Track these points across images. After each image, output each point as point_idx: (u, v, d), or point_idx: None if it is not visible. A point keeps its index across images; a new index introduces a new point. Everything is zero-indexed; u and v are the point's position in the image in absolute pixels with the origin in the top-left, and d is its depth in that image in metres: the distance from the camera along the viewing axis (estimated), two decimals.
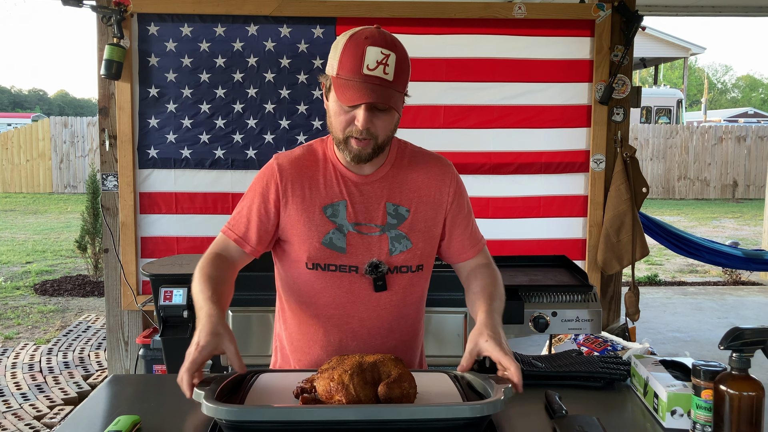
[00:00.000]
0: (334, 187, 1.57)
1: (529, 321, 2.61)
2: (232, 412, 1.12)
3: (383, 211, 1.58)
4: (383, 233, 1.57)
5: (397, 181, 1.59)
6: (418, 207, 1.60)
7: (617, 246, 3.83)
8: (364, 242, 1.56)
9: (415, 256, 1.60)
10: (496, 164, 3.83)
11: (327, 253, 1.55)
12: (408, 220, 1.59)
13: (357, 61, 1.41)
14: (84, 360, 4.59)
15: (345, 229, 1.55)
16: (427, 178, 1.61)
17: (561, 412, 1.37)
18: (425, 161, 1.64)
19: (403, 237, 1.58)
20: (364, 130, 1.44)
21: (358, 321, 1.60)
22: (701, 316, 5.79)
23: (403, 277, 1.60)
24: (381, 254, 1.57)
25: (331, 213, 1.55)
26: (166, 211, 3.75)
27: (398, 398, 1.26)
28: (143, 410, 1.43)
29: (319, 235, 1.55)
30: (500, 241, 3.88)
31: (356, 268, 1.57)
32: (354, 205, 1.56)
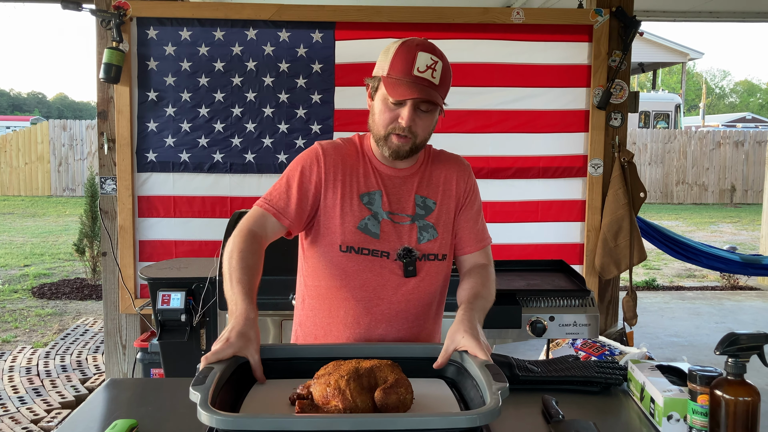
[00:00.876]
0: (371, 177, 1.67)
1: (527, 326, 2.61)
2: (226, 421, 1.12)
3: (413, 202, 1.67)
4: (413, 222, 1.66)
5: (425, 177, 1.70)
6: (443, 200, 1.71)
7: (615, 250, 3.84)
8: (395, 230, 1.65)
9: (440, 245, 1.69)
10: (494, 168, 3.83)
11: (361, 237, 1.63)
12: (435, 211, 1.69)
13: (408, 63, 1.54)
14: (81, 363, 4.58)
15: (380, 217, 1.64)
16: (449, 173, 1.73)
17: (558, 416, 1.37)
18: (447, 159, 1.77)
19: (430, 227, 1.67)
20: (407, 127, 1.55)
21: (387, 304, 1.66)
22: (699, 321, 5.80)
23: (430, 265, 1.68)
24: (411, 242, 1.66)
25: (367, 201, 1.65)
26: (164, 215, 3.75)
27: (395, 404, 1.26)
28: (140, 414, 1.43)
29: (355, 220, 1.63)
30: (498, 246, 3.85)
31: (387, 253, 1.65)
32: (389, 195, 1.66)
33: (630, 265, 3.86)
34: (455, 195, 1.72)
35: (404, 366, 1.40)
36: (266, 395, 1.40)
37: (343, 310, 1.67)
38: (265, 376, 1.44)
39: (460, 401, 1.38)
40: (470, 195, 1.76)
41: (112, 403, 1.53)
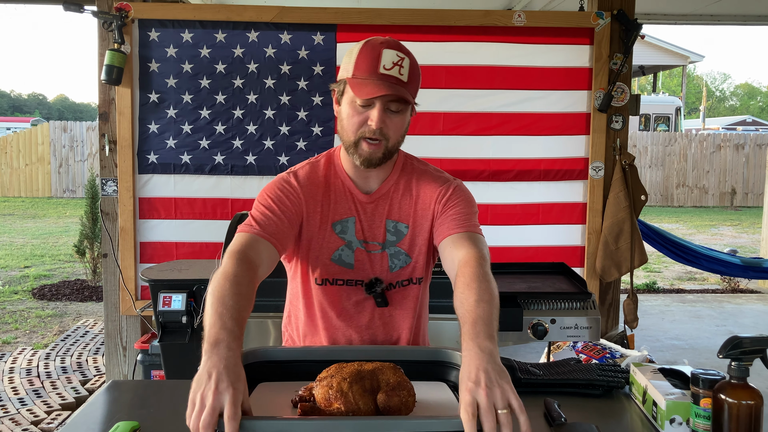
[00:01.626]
0: (343, 203, 1.59)
1: (528, 328, 2.60)
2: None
3: (384, 228, 1.60)
4: (383, 251, 1.60)
5: (396, 200, 1.61)
6: (416, 221, 1.60)
7: (616, 253, 3.83)
8: (369, 258, 1.60)
9: (415, 269, 1.63)
10: (496, 171, 3.83)
11: (336, 269, 1.58)
12: (407, 236, 1.61)
13: (373, 61, 1.46)
14: (82, 365, 4.58)
15: (353, 246, 1.58)
16: (427, 194, 1.60)
17: (560, 419, 1.37)
18: (427, 179, 1.61)
19: (402, 253, 1.61)
20: (378, 129, 1.46)
21: (366, 330, 1.64)
22: (699, 324, 5.79)
23: (405, 291, 1.63)
24: (382, 271, 1.60)
25: (340, 229, 1.58)
26: (165, 217, 3.75)
27: (397, 407, 1.26)
28: (142, 416, 1.43)
29: (329, 251, 1.58)
30: (499, 248, 3.89)
31: (362, 282, 1.60)
32: (362, 222, 1.59)
33: (631, 267, 3.85)
34: (432, 215, 1.59)
35: (406, 369, 1.40)
36: (268, 398, 1.40)
37: (319, 337, 1.64)
38: (264, 381, 1.43)
39: None
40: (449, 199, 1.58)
41: (113, 404, 1.53)
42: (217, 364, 1.14)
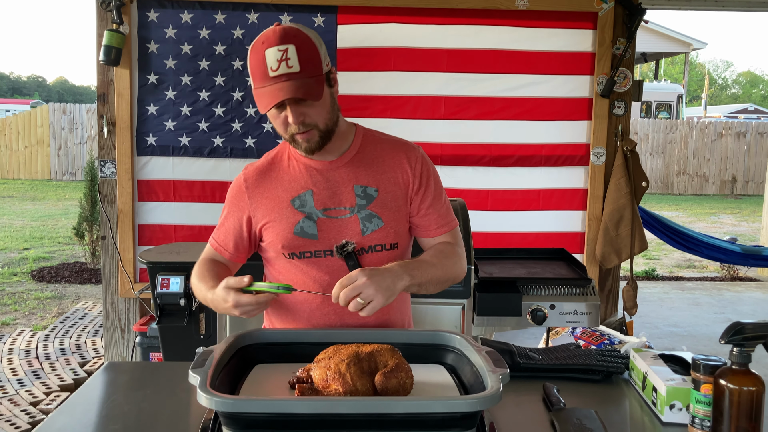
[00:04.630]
0: (299, 179, 1.62)
1: (527, 314, 2.60)
2: (226, 404, 1.11)
3: (351, 193, 1.60)
4: (353, 214, 1.60)
5: (363, 165, 1.62)
6: (386, 186, 1.62)
7: (616, 240, 3.82)
8: (334, 226, 1.60)
9: (388, 234, 1.62)
10: (497, 156, 3.81)
11: (300, 241, 1.60)
12: (377, 199, 1.61)
13: (261, 66, 1.44)
14: (80, 347, 4.58)
15: (315, 216, 1.59)
16: (393, 159, 1.64)
17: (559, 404, 1.36)
18: (392, 146, 1.67)
19: (373, 216, 1.60)
20: (299, 124, 1.48)
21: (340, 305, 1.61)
22: (698, 311, 5.80)
23: (379, 256, 1.62)
24: (353, 235, 1.60)
25: (299, 204, 1.60)
26: (164, 199, 3.73)
27: (395, 388, 1.25)
28: (139, 397, 1.42)
29: (290, 226, 1.60)
30: (499, 234, 3.87)
31: (331, 251, 1.61)
32: (320, 192, 1.60)
33: (631, 254, 3.84)
34: (405, 181, 1.62)
35: (404, 352, 1.39)
36: (265, 379, 1.39)
37: (297, 309, 1.65)
38: (261, 363, 1.44)
39: (460, 387, 1.37)
40: (425, 178, 1.65)
41: (110, 385, 1.52)
42: None
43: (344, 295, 1.36)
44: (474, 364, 1.38)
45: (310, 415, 1.13)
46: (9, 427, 3.38)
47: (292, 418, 1.14)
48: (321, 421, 1.14)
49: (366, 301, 1.37)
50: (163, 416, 1.33)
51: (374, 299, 1.37)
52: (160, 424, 1.29)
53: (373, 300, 1.37)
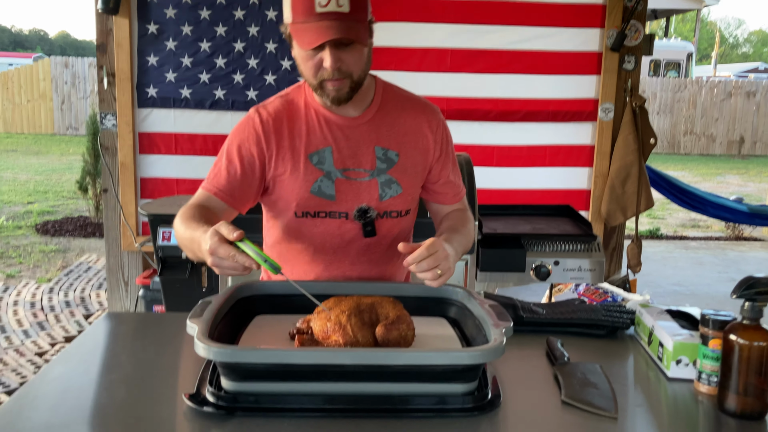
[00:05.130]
0: (318, 133, 1.52)
1: (531, 270, 2.58)
2: (224, 353, 1.09)
3: (372, 155, 1.53)
4: (372, 178, 1.53)
5: (385, 125, 1.55)
6: (408, 151, 1.56)
7: (622, 197, 3.78)
8: (353, 188, 1.53)
9: (405, 201, 1.57)
10: (503, 111, 3.74)
11: (316, 201, 1.52)
12: (398, 164, 1.55)
13: (308, 1, 1.34)
14: (85, 300, 4.60)
15: (333, 176, 1.52)
16: (415, 123, 1.57)
17: (563, 359, 1.34)
18: (413, 106, 1.59)
19: (393, 182, 1.55)
20: (335, 70, 1.39)
21: (349, 265, 1.59)
22: (702, 271, 5.78)
23: (392, 222, 1.58)
24: (371, 199, 1.54)
25: (317, 160, 1.51)
26: (165, 152, 3.69)
27: (396, 340, 1.23)
28: (137, 347, 1.41)
29: (307, 184, 1.51)
30: (504, 191, 3.83)
31: (346, 214, 1.54)
32: (340, 150, 1.52)
33: (636, 212, 3.81)
34: (425, 147, 1.57)
35: (406, 305, 1.37)
36: (265, 330, 1.37)
37: (303, 270, 1.60)
38: (261, 314, 1.41)
39: (462, 340, 1.35)
40: (444, 146, 1.60)
41: (108, 336, 1.51)
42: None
43: (427, 264, 1.29)
44: (477, 317, 1.35)
45: (309, 366, 1.11)
46: (15, 376, 3.42)
47: (291, 368, 1.12)
48: (321, 372, 1.13)
49: (442, 273, 1.31)
50: (161, 367, 1.32)
51: (448, 273, 1.33)
52: (157, 375, 1.27)
53: (446, 274, 1.32)
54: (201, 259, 1.30)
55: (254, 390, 1.14)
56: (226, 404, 1.13)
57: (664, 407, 1.25)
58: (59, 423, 1.10)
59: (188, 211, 1.42)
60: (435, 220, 1.68)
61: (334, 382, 1.14)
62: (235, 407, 1.12)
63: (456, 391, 1.16)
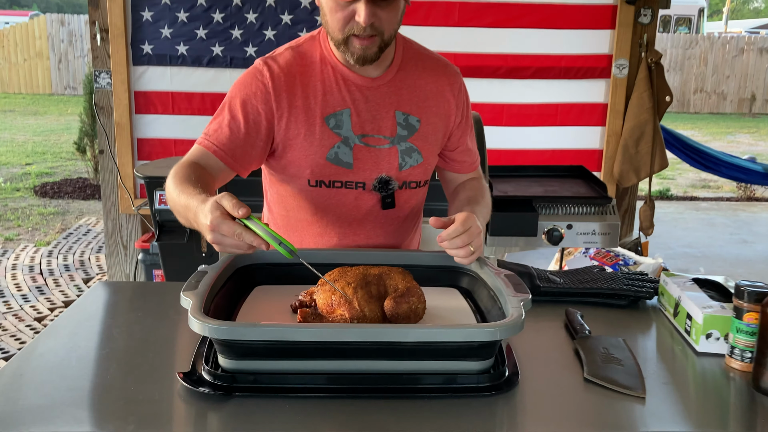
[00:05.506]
0: (335, 93, 1.38)
1: (543, 234, 2.48)
2: (221, 330, 1.00)
3: (392, 120, 1.41)
4: (393, 145, 1.41)
5: (406, 87, 1.42)
6: (429, 117, 1.44)
7: (635, 157, 3.66)
8: (371, 156, 1.41)
9: (425, 170, 1.47)
10: (513, 68, 3.59)
11: (332, 169, 1.40)
12: (419, 131, 1.43)
13: None
14: (84, 263, 4.54)
15: (351, 142, 1.39)
16: (436, 86, 1.45)
17: (584, 332, 1.25)
18: (434, 66, 1.46)
19: (414, 150, 1.43)
20: (367, 26, 1.26)
21: (364, 238, 1.49)
22: (713, 232, 5.68)
23: (410, 193, 1.48)
24: (390, 169, 1.42)
25: (334, 124, 1.38)
26: (162, 112, 3.56)
27: (405, 314, 1.14)
28: (131, 319, 1.32)
29: (323, 150, 1.38)
30: (513, 151, 3.71)
31: (363, 184, 1.42)
32: (359, 114, 1.39)
33: (650, 172, 3.69)
34: (447, 112, 1.46)
35: (415, 275, 1.28)
36: (265, 302, 1.28)
37: (313, 242, 1.49)
38: (261, 285, 1.32)
39: (476, 313, 1.26)
40: (464, 112, 1.49)
41: (100, 307, 1.42)
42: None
43: (461, 241, 1.21)
44: (491, 288, 1.26)
45: (313, 343, 1.02)
46: (14, 342, 3.37)
47: (293, 345, 1.03)
48: (325, 349, 1.04)
49: (475, 250, 1.24)
50: (155, 341, 1.23)
51: (479, 250, 1.26)
52: (151, 351, 1.19)
53: (477, 251, 1.25)
54: (196, 228, 1.20)
55: (253, 368, 1.05)
56: (223, 384, 1.04)
57: (693, 384, 1.17)
58: (45, 405, 1.01)
59: (182, 171, 1.28)
60: (447, 190, 1.58)
61: (339, 359, 1.05)
62: (233, 387, 1.04)
63: (471, 369, 1.07)
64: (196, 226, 1.18)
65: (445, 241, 1.22)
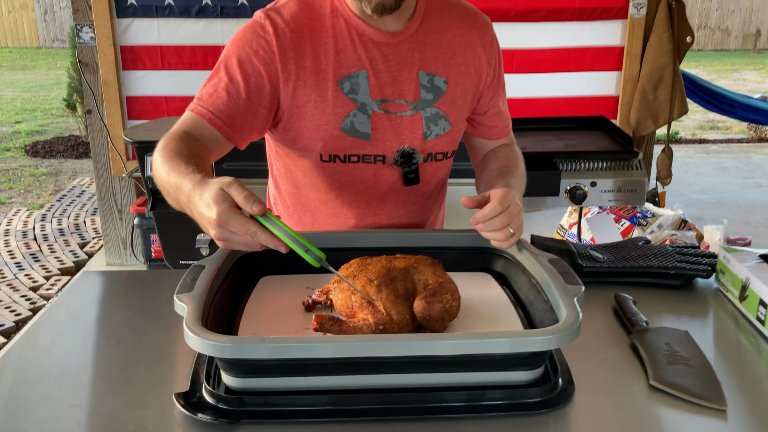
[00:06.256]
0: (349, 51, 1.18)
1: (565, 193, 2.30)
2: (225, 348, 0.84)
3: (416, 82, 1.21)
4: (416, 112, 1.22)
5: (429, 42, 1.22)
6: (457, 77, 1.24)
7: (654, 103, 3.45)
8: (392, 125, 1.22)
9: (452, 139, 1.28)
10: (523, 10, 3.35)
11: (348, 141, 1.21)
12: (447, 93, 1.23)
13: None
14: (79, 227, 4.37)
15: (369, 109, 1.19)
16: (465, 39, 1.25)
17: (641, 323, 1.09)
18: (462, 17, 1.26)
19: (440, 117, 1.24)
20: None
21: (385, 218, 1.31)
22: (726, 177, 5.50)
23: (436, 166, 1.29)
24: (413, 139, 1.23)
25: (349, 88, 1.18)
26: (151, 67, 3.34)
27: (439, 315, 0.98)
28: (118, 321, 1.16)
29: (337, 119, 1.18)
30: (524, 100, 3.50)
31: (383, 157, 1.23)
32: (378, 76, 1.19)
33: (669, 119, 3.50)
34: (477, 70, 1.26)
35: (441, 258, 1.12)
36: (273, 299, 1.12)
37: (328, 224, 1.32)
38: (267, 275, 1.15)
39: (516, 305, 1.10)
40: (498, 66, 1.30)
41: (82, 306, 1.25)
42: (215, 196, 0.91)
43: (500, 222, 1.03)
44: (532, 274, 1.10)
45: (335, 360, 0.86)
46: (9, 314, 3.23)
47: (312, 362, 0.87)
48: (348, 365, 0.88)
49: (515, 231, 1.05)
50: (147, 349, 1.07)
51: (519, 231, 1.08)
52: (143, 362, 1.03)
53: (518, 232, 1.07)
54: (188, 215, 1.01)
55: (264, 387, 0.90)
56: (229, 407, 0.89)
57: None
58: None
59: (172, 144, 1.10)
60: (474, 158, 1.40)
61: (363, 374, 0.89)
62: (241, 411, 0.88)
63: (518, 380, 0.92)
64: (189, 212, 0.99)
65: (480, 223, 1.04)
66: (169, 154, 1.07)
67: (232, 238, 0.91)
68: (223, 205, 0.89)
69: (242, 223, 0.89)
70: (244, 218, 0.90)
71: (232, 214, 0.89)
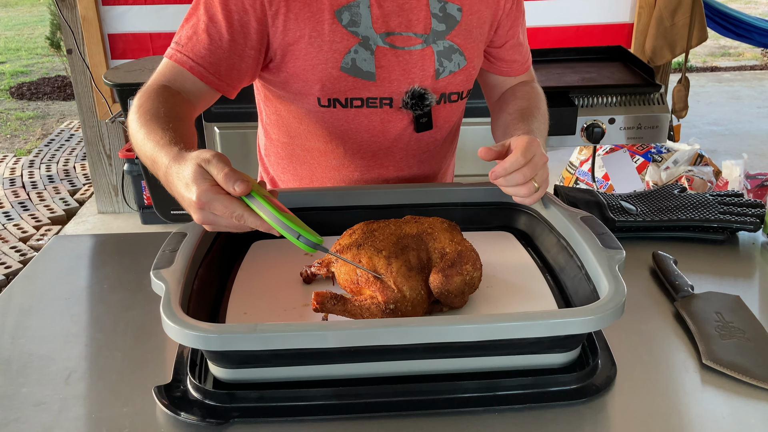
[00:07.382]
0: None
1: (581, 131, 2.14)
2: (209, 340, 0.71)
3: (426, 11, 1.05)
4: (427, 45, 1.06)
5: None
6: (472, 4, 1.08)
7: (671, 30, 3.24)
8: (399, 62, 1.05)
9: (468, 76, 1.11)
10: None
11: (349, 82, 1.04)
12: (461, 23, 1.07)
13: None
14: (69, 173, 4.21)
15: (372, 44, 1.03)
16: None
17: (686, 289, 0.96)
18: None
19: (454, 50, 1.07)
20: None
21: (393, 170, 1.15)
22: (739, 106, 5.29)
23: (450, 108, 1.13)
24: (424, 78, 1.07)
25: (348, 20, 1.02)
26: (133, 2, 3.11)
27: (458, 289, 0.84)
28: (94, 297, 1.02)
29: (336, 56, 1.02)
30: (531, 29, 3.26)
31: (390, 100, 1.07)
32: (382, 4, 1.03)
33: (687, 47, 3.29)
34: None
35: (457, 217, 0.98)
36: (267, 269, 0.98)
37: (328, 178, 1.17)
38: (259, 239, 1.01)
39: (544, 271, 0.96)
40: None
41: (52, 280, 1.11)
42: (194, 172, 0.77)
43: (523, 176, 0.89)
44: (561, 234, 0.96)
45: (344, 348, 0.73)
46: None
47: (312, 350, 0.74)
48: (355, 352, 0.75)
49: (539, 185, 0.92)
50: (125, 330, 0.94)
51: (545, 185, 0.94)
52: (120, 346, 0.90)
53: (543, 186, 0.94)
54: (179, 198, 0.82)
55: (258, 378, 0.77)
56: (218, 404, 0.76)
57: None
58: None
59: (148, 103, 0.94)
60: (490, 98, 1.24)
61: (371, 362, 0.77)
62: (231, 408, 0.76)
63: (552, 363, 0.79)
64: (170, 191, 0.83)
65: (501, 177, 0.90)
66: (144, 117, 0.91)
67: (217, 221, 0.78)
68: (203, 184, 0.75)
69: (226, 205, 0.75)
70: (228, 198, 0.75)
71: (214, 194, 0.75)
